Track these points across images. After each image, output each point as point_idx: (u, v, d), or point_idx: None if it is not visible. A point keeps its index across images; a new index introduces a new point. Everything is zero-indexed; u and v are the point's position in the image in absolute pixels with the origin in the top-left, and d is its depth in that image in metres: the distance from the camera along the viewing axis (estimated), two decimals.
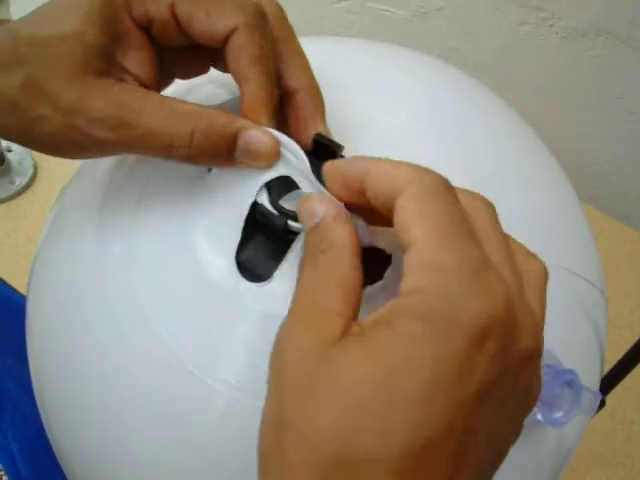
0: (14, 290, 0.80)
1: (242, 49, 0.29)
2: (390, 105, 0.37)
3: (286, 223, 0.30)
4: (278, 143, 0.30)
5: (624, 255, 0.91)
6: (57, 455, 0.40)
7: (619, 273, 0.89)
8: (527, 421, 0.32)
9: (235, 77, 0.30)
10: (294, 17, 0.35)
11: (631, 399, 0.77)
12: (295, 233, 0.30)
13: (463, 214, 0.24)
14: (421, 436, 0.21)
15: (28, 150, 0.99)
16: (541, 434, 0.34)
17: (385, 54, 0.45)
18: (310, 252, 0.26)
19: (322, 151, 0.31)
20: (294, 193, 0.31)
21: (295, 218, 0.29)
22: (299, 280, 0.26)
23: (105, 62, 0.29)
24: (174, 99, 0.30)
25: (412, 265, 0.23)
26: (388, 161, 0.25)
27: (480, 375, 0.22)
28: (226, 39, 0.29)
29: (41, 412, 0.41)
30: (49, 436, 0.40)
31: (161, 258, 0.33)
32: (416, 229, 0.23)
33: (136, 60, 0.30)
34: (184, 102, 0.30)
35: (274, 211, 0.30)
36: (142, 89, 0.29)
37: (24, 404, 0.70)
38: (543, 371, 0.32)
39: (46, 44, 0.28)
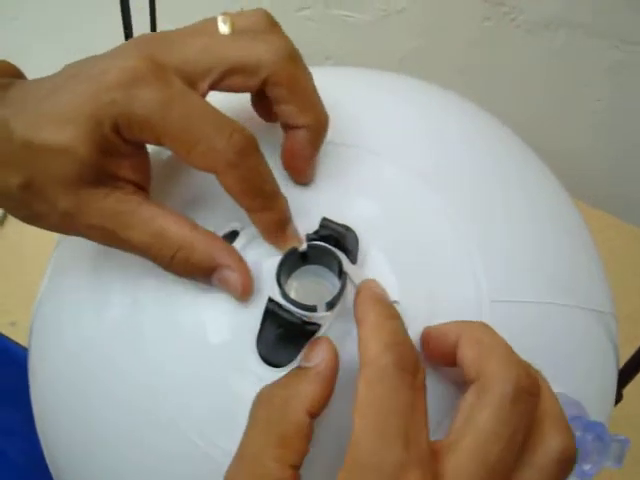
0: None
1: (225, 187, 0.31)
2: (393, 157, 0.36)
3: (303, 320, 0.30)
4: (252, 285, 0.31)
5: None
6: None
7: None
8: None
9: None
10: None
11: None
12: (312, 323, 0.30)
13: (408, 405, 0.26)
14: None
15: None
16: None
17: (389, 89, 0.43)
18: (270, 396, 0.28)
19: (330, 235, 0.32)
20: (306, 269, 0.31)
21: (307, 308, 0.30)
22: (248, 423, 0.28)
23: (98, 174, 0.30)
24: (166, 214, 0.31)
25: (346, 455, 0.25)
26: (363, 333, 0.28)
27: None
28: None
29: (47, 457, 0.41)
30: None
31: (167, 333, 0.33)
32: (356, 421, 0.26)
33: (128, 167, 0.32)
34: (175, 218, 0.31)
35: (288, 305, 0.30)
36: (135, 199, 0.31)
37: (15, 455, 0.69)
38: (572, 424, 0.32)
39: (41, 154, 0.30)
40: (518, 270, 0.34)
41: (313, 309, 0.30)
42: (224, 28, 0.33)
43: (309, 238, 0.32)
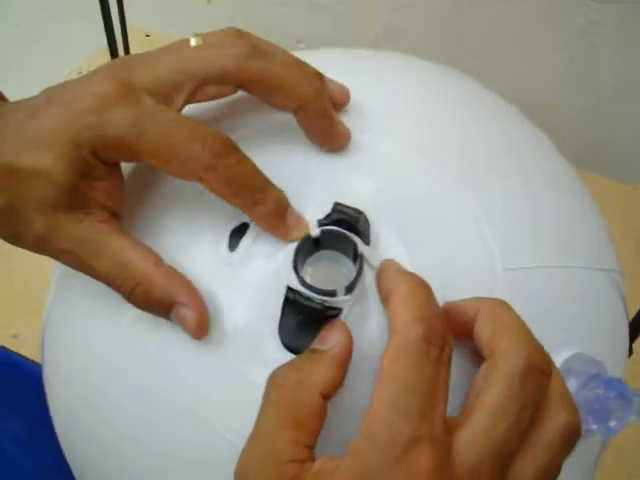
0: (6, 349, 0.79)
1: (211, 191, 0.32)
2: (389, 134, 0.36)
3: (324, 305, 0.30)
4: (207, 323, 0.32)
5: None
6: None
7: None
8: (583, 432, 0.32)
9: None
10: (229, 19, 0.35)
11: None
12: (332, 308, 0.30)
13: (430, 380, 0.26)
14: None
15: None
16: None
17: (387, 67, 0.43)
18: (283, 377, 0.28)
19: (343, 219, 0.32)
20: (319, 254, 0.32)
21: (327, 293, 0.30)
22: (262, 405, 0.28)
23: (74, 198, 0.32)
24: (134, 246, 0.32)
25: (362, 425, 0.26)
26: (397, 302, 0.28)
27: None
28: None
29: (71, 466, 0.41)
30: None
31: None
32: (376, 392, 0.26)
33: (103, 191, 0.33)
34: (141, 252, 0.32)
35: (307, 291, 0.30)
36: (107, 229, 0.32)
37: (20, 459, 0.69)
38: (593, 383, 0.32)
39: (22, 177, 0.31)
40: (527, 237, 0.35)
41: (333, 294, 0.30)
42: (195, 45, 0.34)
43: (321, 223, 0.32)
